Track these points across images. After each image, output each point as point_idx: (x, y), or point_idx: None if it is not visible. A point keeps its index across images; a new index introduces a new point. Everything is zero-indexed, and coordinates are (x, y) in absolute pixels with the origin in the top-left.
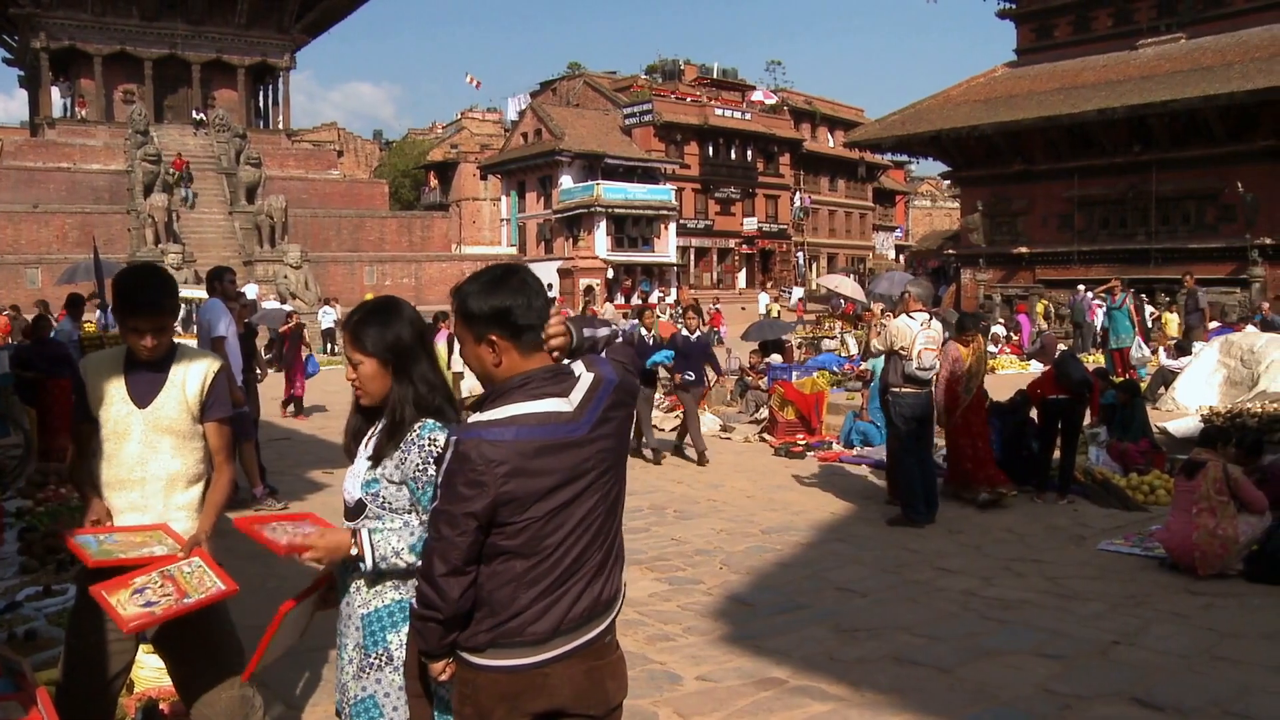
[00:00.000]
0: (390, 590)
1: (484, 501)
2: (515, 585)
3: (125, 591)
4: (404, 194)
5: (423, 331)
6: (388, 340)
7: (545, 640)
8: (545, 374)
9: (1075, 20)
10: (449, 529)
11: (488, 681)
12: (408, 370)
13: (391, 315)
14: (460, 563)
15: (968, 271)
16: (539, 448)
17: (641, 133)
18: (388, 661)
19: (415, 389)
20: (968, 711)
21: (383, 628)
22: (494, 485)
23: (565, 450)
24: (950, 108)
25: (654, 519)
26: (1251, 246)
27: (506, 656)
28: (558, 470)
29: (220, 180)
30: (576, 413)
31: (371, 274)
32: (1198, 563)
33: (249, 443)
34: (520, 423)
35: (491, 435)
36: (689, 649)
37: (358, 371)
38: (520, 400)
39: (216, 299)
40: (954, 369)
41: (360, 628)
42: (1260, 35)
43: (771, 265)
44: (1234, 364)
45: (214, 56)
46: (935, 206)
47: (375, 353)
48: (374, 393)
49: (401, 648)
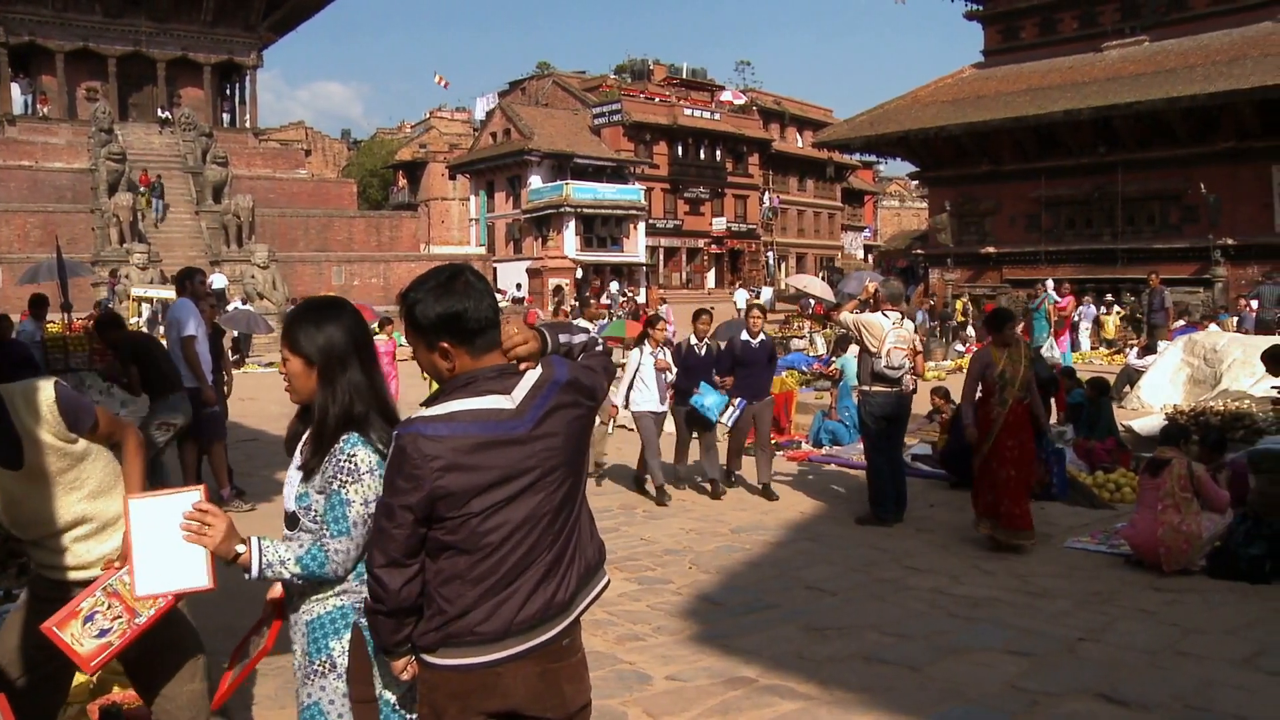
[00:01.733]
0: (332, 597)
1: (419, 495)
2: (461, 582)
3: (76, 623)
4: (372, 194)
5: (360, 336)
6: (317, 342)
7: (495, 640)
8: (491, 372)
9: (1041, 22)
10: (386, 521)
11: (441, 680)
12: (333, 376)
13: (327, 316)
14: (399, 555)
15: (936, 271)
16: (476, 444)
17: (610, 132)
18: (331, 669)
19: (339, 396)
20: (936, 709)
21: (325, 635)
22: (429, 480)
23: (504, 447)
24: (918, 108)
25: (623, 519)
26: (1214, 247)
27: (457, 655)
28: (496, 467)
29: (186, 179)
30: (518, 410)
31: (340, 274)
32: (1162, 559)
33: (219, 443)
34: (458, 419)
35: (428, 431)
36: (658, 649)
37: (287, 369)
38: (463, 397)
39: (186, 299)
40: (986, 377)
41: (305, 634)
42: (1220, 39)
43: (740, 265)
44: (1197, 363)
45: (179, 54)
46: (904, 206)
47: (302, 352)
48: (300, 391)
49: (344, 655)
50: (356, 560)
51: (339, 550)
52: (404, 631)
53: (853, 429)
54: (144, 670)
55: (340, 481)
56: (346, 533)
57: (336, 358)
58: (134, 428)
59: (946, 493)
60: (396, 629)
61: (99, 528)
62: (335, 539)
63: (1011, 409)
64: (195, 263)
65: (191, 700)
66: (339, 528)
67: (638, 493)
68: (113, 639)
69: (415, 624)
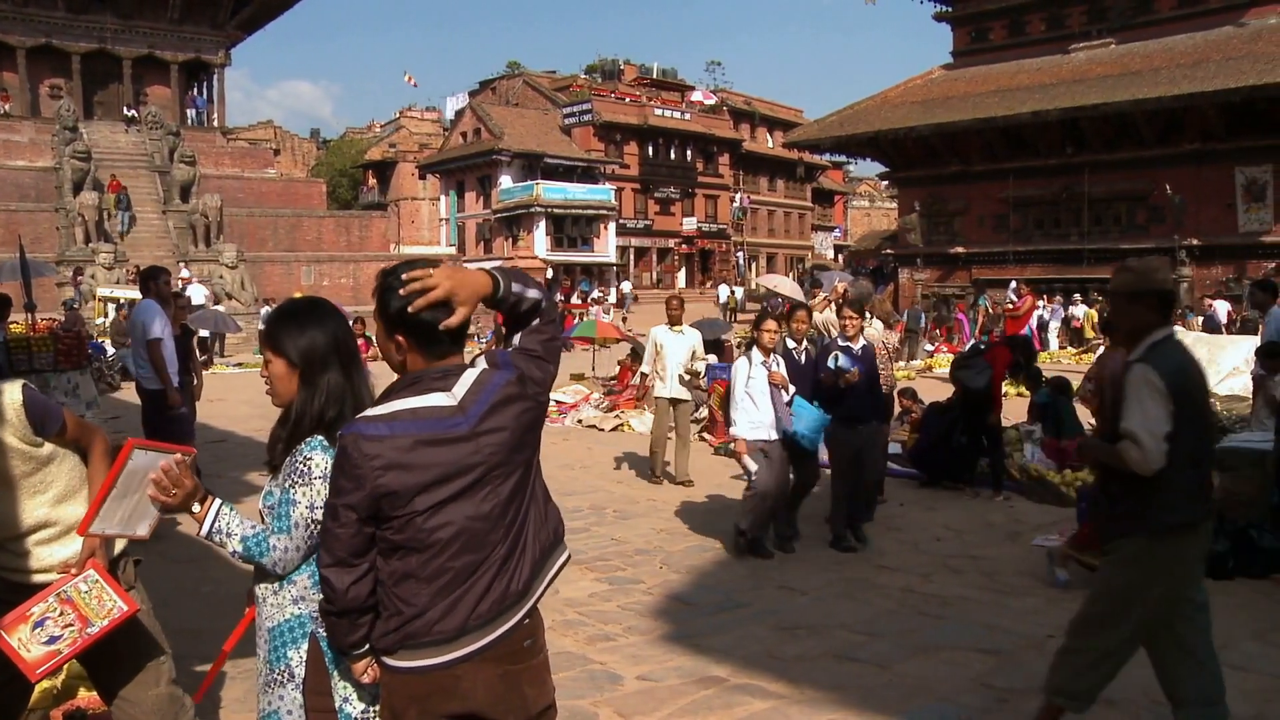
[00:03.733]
0: (290, 605)
1: (360, 495)
2: (414, 581)
3: (25, 627)
4: (342, 193)
5: (343, 338)
6: (300, 344)
7: (453, 639)
8: (436, 372)
9: (1010, 24)
10: (331, 521)
11: (400, 683)
12: (314, 378)
13: (309, 318)
14: (345, 555)
15: (905, 271)
16: (416, 442)
17: (581, 132)
18: (289, 679)
19: (316, 399)
20: (907, 707)
21: (284, 643)
22: (370, 479)
23: (446, 445)
24: (888, 109)
25: (594, 519)
26: (1180, 247)
27: (415, 657)
28: (438, 465)
29: (153, 179)
30: (459, 407)
31: (309, 274)
32: None
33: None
34: (398, 418)
35: (369, 430)
36: (629, 649)
37: (269, 369)
38: (405, 397)
39: (151, 300)
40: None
41: (266, 641)
42: (1184, 42)
43: (711, 265)
44: None
45: (145, 52)
46: (874, 207)
47: (286, 354)
48: (281, 394)
49: (302, 664)
50: (299, 562)
51: (277, 546)
52: (359, 633)
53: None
54: (106, 675)
55: (291, 481)
56: (286, 531)
57: (318, 360)
58: (101, 431)
59: (917, 492)
60: (350, 630)
61: (62, 531)
62: (275, 535)
63: None
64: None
65: (157, 704)
66: (280, 525)
67: (720, 541)
68: (62, 647)
69: (371, 625)
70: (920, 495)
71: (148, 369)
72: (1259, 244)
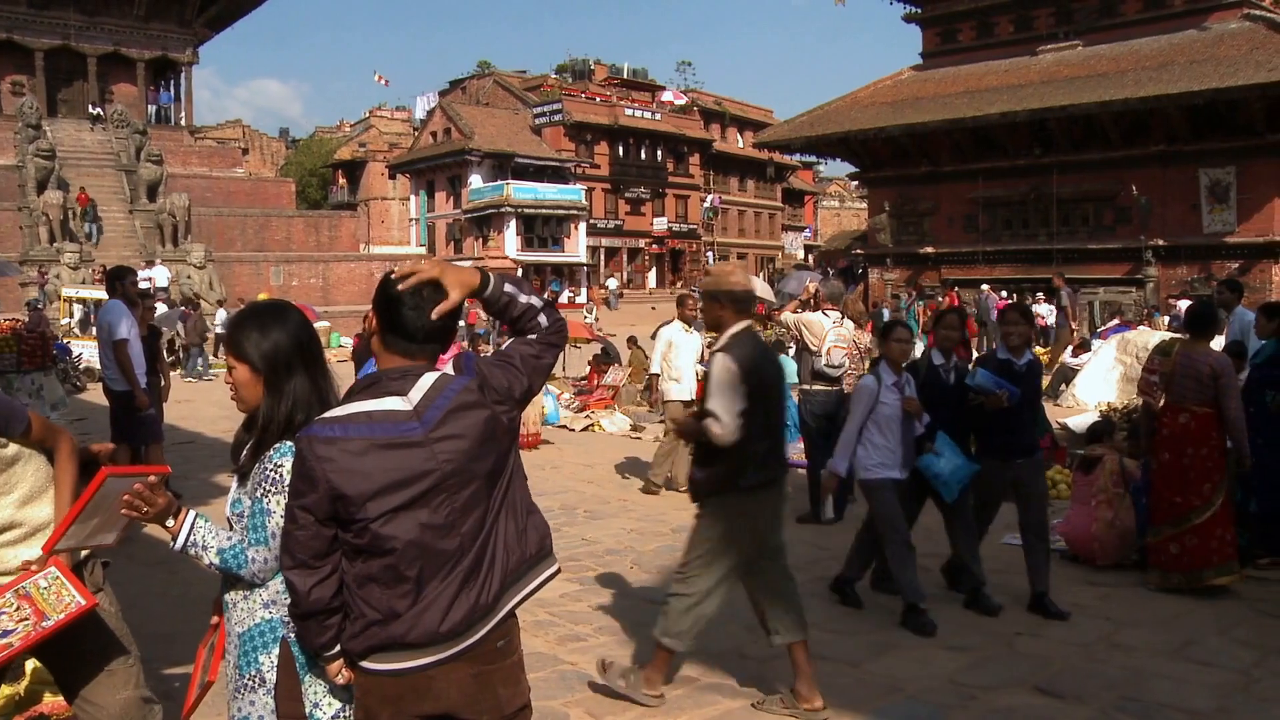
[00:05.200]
0: (260, 609)
1: (314, 496)
2: (376, 586)
3: None
4: (311, 193)
5: (306, 341)
6: (264, 348)
7: (422, 646)
8: (395, 374)
9: (978, 26)
10: (290, 523)
11: (373, 684)
12: (280, 383)
13: (273, 321)
14: (306, 557)
15: (875, 271)
16: (369, 446)
17: (552, 132)
18: (260, 684)
19: (283, 404)
20: (877, 705)
21: (254, 648)
22: (322, 481)
23: (399, 449)
24: (858, 109)
25: (565, 519)
26: (1146, 247)
27: (385, 661)
28: (390, 470)
29: (120, 177)
30: (415, 412)
31: (278, 274)
32: (1096, 554)
33: (155, 445)
34: (353, 420)
35: (323, 432)
36: (600, 649)
37: (233, 376)
38: (363, 399)
39: (118, 300)
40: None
41: (236, 646)
42: (1150, 45)
43: (681, 265)
44: (1130, 361)
45: (111, 49)
46: (844, 207)
47: (250, 359)
48: (248, 400)
49: (273, 670)
50: (276, 570)
51: (255, 559)
52: (327, 635)
53: (793, 428)
54: (72, 677)
55: (264, 490)
56: (264, 542)
57: (283, 364)
58: (67, 433)
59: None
60: (319, 631)
61: (28, 533)
62: (253, 547)
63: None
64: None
65: (124, 708)
66: (257, 536)
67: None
68: (14, 640)
69: (340, 627)
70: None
71: (114, 370)
72: (1223, 244)
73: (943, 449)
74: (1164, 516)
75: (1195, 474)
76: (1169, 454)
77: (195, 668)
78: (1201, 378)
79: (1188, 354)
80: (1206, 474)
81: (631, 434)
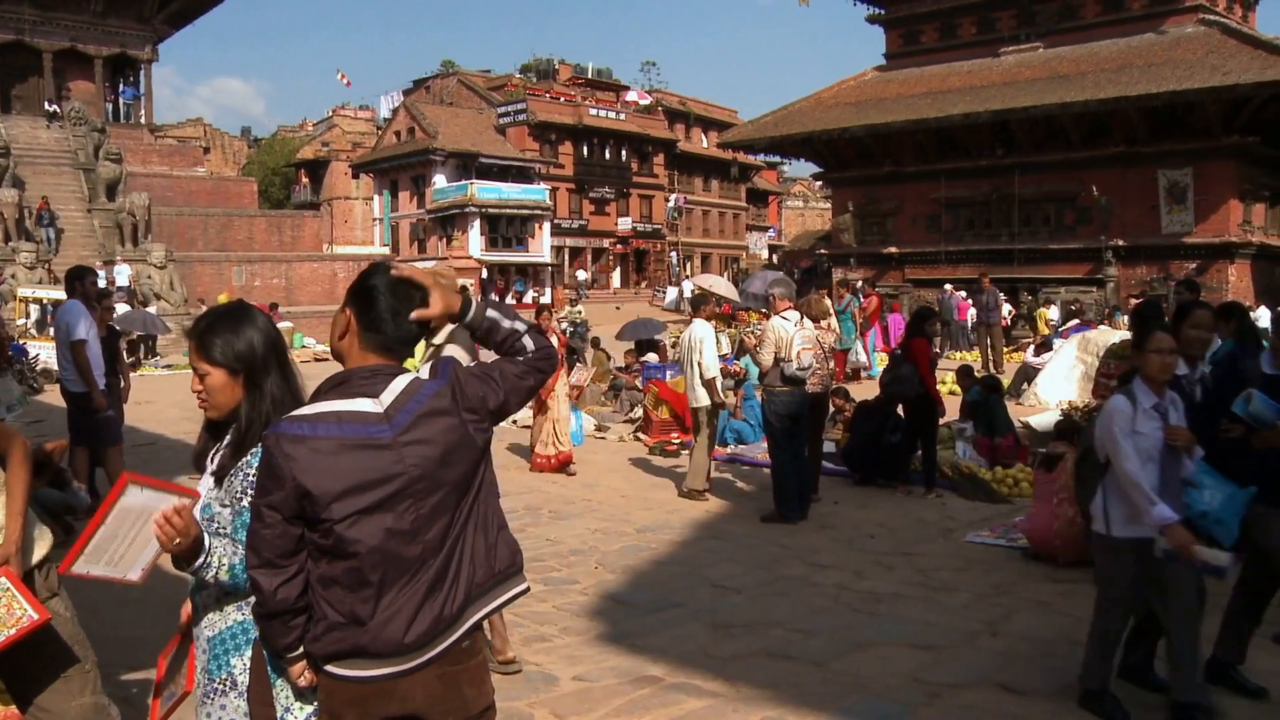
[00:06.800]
0: (234, 611)
1: (281, 495)
2: (340, 589)
3: None
4: (274, 192)
5: (276, 338)
6: (238, 349)
7: (386, 655)
8: (365, 373)
9: (941, 27)
10: (256, 522)
11: (338, 687)
12: (260, 381)
13: (243, 321)
14: (272, 556)
15: (839, 271)
16: (337, 446)
17: (516, 132)
18: (231, 687)
19: (264, 405)
20: (841, 703)
21: (225, 651)
22: (289, 480)
23: (367, 451)
24: (821, 110)
25: (529, 520)
26: (1106, 247)
27: (350, 668)
28: (357, 471)
29: (77, 176)
30: (385, 415)
31: (240, 274)
32: (1058, 551)
33: (114, 448)
34: (322, 419)
35: (291, 430)
36: (565, 649)
37: (204, 383)
38: (333, 398)
39: (76, 300)
40: None
41: (206, 650)
42: (1109, 47)
43: (646, 265)
44: (1091, 360)
45: (67, 45)
46: (808, 207)
47: (224, 362)
48: (221, 405)
49: (245, 672)
50: None
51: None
52: (291, 635)
53: (757, 428)
54: (24, 685)
55: (249, 495)
56: None
57: (260, 362)
58: (20, 435)
59: (850, 490)
60: (283, 632)
61: None
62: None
63: None
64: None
65: (80, 715)
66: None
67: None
68: None
69: (305, 628)
70: (853, 493)
71: (72, 371)
72: (1181, 245)
73: (1200, 478)
74: None
75: None
76: None
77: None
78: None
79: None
80: None
81: (595, 434)
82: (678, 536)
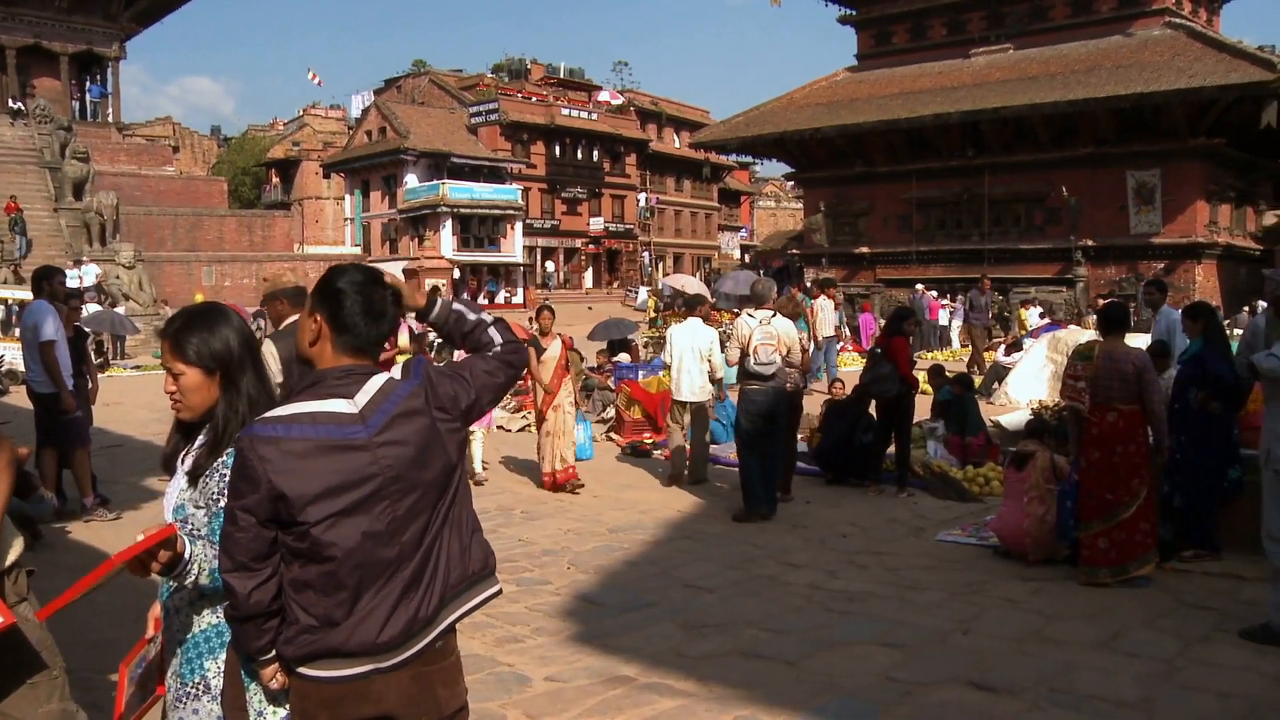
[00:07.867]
0: (208, 614)
1: (255, 497)
2: (313, 592)
3: None
4: (244, 192)
5: (250, 337)
6: (214, 348)
7: (360, 655)
8: (338, 374)
9: (912, 28)
10: (230, 525)
11: (311, 689)
12: (237, 380)
13: (217, 321)
14: (246, 559)
15: (811, 271)
16: (312, 447)
17: (488, 132)
18: (205, 690)
19: (240, 405)
20: (814, 702)
21: (199, 654)
22: (263, 482)
23: (342, 452)
24: (793, 110)
25: (501, 520)
26: (1075, 248)
27: (322, 668)
28: (332, 472)
29: (43, 175)
30: (360, 415)
31: (210, 274)
32: (1029, 549)
33: (82, 450)
34: (296, 421)
35: (265, 432)
36: (537, 650)
37: (178, 383)
38: (307, 399)
39: (43, 300)
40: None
41: (178, 654)
42: (1078, 49)
43: (618, 265)
44: (1061, 359)
45: (32, 41)
46: (780, 207)
47: (199, 362)
48: (195, 406)
49: (219, 676)
50: None
51: None
52: (265, 638)
53: (729, 427)
54: None
55: (225, 497)
56: None
57: (236, 362)
58: (8, 440)
59: (822, 489)
60: (257, 635)
61: None
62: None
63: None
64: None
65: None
66: None
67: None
68: None
69: (278, 630)
70: (825, 492)
71: (39, 372)
72: (1149, 245)
73: None
74: (1095, 513)
75: (1125, 470)
76: (1099, 452)
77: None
78: (1126, 376)
79: (1109, 354)
80: (1135, 470)
81: None
82: (650, 536)
